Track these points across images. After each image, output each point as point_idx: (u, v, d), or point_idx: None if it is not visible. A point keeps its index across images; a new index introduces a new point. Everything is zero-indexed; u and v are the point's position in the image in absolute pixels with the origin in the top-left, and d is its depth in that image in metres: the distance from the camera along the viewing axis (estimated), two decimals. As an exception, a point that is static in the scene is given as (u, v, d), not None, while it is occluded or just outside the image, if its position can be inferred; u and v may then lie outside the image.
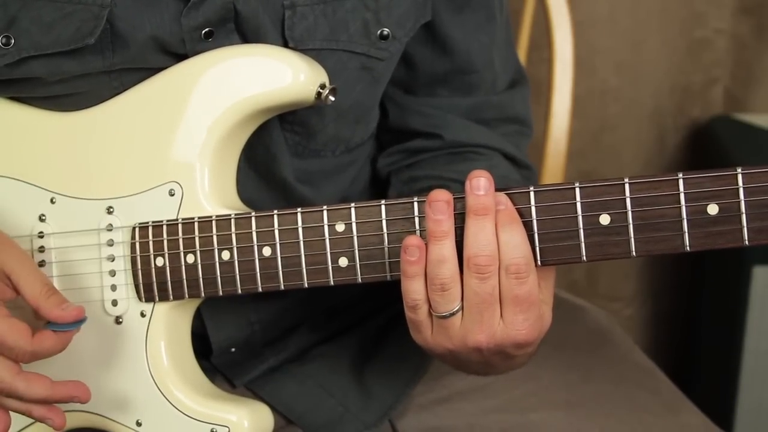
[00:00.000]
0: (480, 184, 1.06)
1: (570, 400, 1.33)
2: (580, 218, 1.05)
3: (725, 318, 2.27)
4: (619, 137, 2.45)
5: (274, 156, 1.26)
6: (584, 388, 1.35)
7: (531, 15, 1.95)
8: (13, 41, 1.15)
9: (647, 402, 1.35)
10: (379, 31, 1.24)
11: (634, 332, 2.56)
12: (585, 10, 2.31)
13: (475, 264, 1.06)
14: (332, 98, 1.17)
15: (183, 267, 1.18)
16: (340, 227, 1.12)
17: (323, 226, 1.13)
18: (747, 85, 2.45)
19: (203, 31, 1.18)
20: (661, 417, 1.33)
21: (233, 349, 1.32)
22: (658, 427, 1.32)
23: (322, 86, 1.17)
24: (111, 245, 1.20)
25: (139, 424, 1.20)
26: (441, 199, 1.07)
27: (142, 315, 1.19)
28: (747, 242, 1.01)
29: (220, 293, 1.17)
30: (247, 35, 1.19)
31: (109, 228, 1.20)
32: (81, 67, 1.18)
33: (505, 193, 1.06)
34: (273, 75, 1.16)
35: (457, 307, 1.08)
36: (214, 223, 1.16)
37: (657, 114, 2.46)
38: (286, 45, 1.21)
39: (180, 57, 1.19)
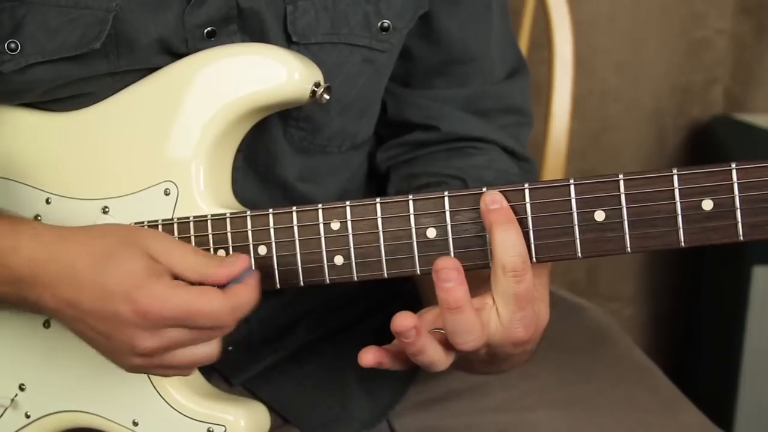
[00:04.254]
0: (450, 276, 1.03)
1: (568, 399, 1.33)
2: (575, 215, 1.04)
3: (725, 318, 2.27)
4: (619, 137, 2.45)
5: (275, 156, 1.26)
6: (582, 387, 1.35)
7: (531, 15, 1.95)
8: (19, 47, 1.15)
9: (646, 401, 1.34)
10: (379, 23, 1.25)
11: (634, 332, 2.55)
12: (585, 10, 2.31)
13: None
14: (327, 97, 1.17)
15: None
16: (335, 225, 1.12)
17: (319, 224, 1.12)
18: (747, 85, 2.45)
19: (206, 30, 1.18)
20: (659, 416, 1.33)
21: (230, 348, 1.32)
22: (656, 426, 1.32)
23: (317, 85, 1.17)
24: (107, 245, 1.20)
25: (135, 423, 1.19)
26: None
27: (138, 314, 1.19)
28: (742, 237, 1.01)
29: None
30: (250, 33, 1.19)
31: (105, 228, 1.20)
32: (85, 71, 1.17)
33: (500, 191, 1.05)
34: (267, 73, 1.16)
35: None
36: (209, 222, 1.16)
37: (657, 114, 2.46)
38: (289, 40, 1.21)
39: (182, 57, 1.18)
